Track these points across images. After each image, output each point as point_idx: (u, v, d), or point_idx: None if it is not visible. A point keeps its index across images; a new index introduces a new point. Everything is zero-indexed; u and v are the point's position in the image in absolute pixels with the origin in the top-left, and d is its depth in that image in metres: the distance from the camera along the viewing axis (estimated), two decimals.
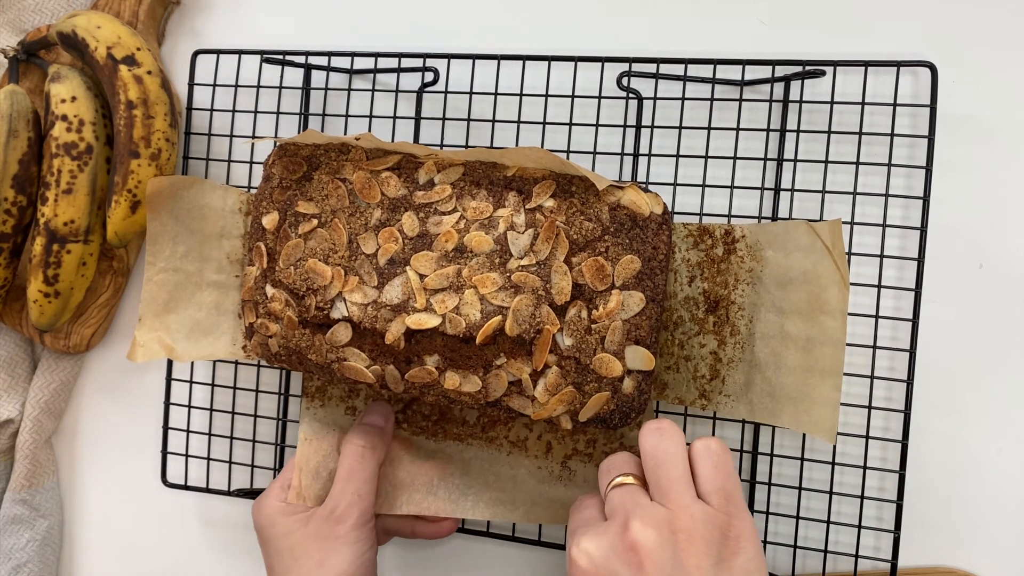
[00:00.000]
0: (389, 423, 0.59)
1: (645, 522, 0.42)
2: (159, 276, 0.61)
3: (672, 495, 0.43)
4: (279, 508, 0.56)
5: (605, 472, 0.48)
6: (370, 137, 0.53)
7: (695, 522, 0.42)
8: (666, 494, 0.43)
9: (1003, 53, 0.55)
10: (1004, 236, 0.55)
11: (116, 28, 0.62)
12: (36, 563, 0.68)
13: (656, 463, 0.45)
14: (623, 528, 0.43)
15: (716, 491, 0.44)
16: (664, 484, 0.44)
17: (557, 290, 0.49)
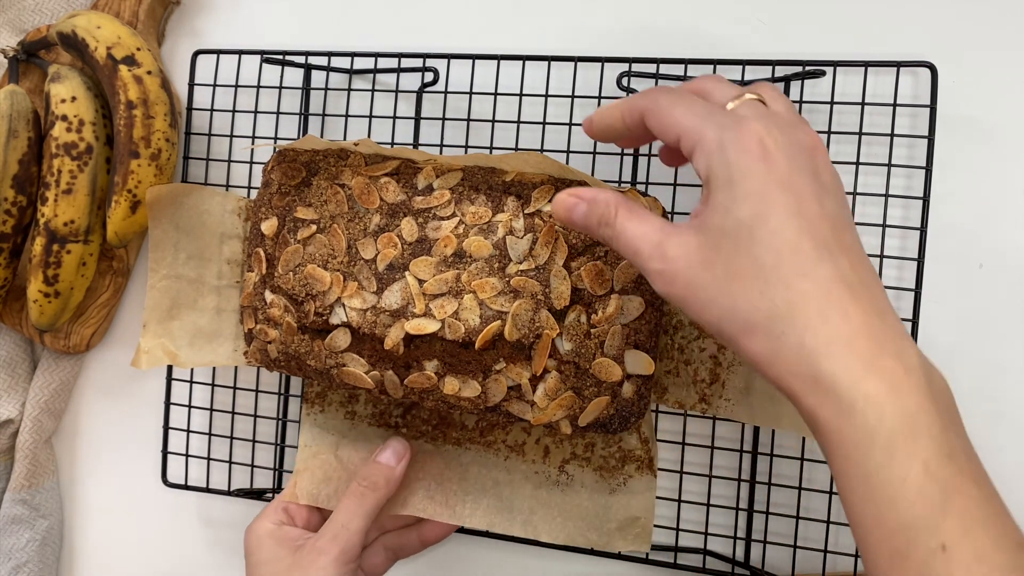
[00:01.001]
0: (401, 464, 0.57)
1: (816, 134, 0.40)
2: (162, 283, 0.61)
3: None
4: (270, 531, 0.56)
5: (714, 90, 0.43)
6: (369, 143, 0.53)
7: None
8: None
9: (1003, 53, 0.55)
10: (1004, 236, 0.55)
11: (116, 28, 0.61)
12: (36, 563, 0.68)
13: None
14: (800, 129, 0.40)
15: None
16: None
17: (556, 295, 0.49)
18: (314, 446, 0.61)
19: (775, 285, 0.36)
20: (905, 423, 0.34)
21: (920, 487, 0.33)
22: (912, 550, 0.33)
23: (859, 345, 0.35)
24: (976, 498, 0.33)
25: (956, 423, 0.35)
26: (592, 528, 0.57)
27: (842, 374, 0.34)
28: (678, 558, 0.58)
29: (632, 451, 0.57)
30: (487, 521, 0.58)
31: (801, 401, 0.36)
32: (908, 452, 0.33)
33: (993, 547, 0.32)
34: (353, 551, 0.53)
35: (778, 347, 0.36)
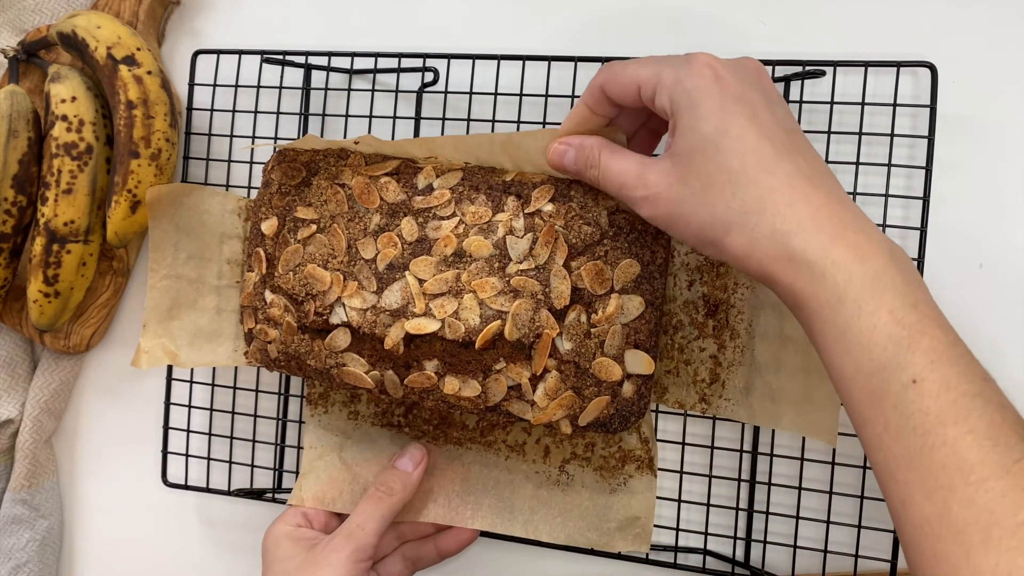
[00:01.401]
0: (418, 471, 0.58)
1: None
2: (162, 283, 0.61)
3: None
4: (287, 532, 0.56)
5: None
6: (370, 139, 0.53)
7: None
8: None
9: (1003, 53, 0.55)
10: (1004, 236, 0.55)
11: (116, 28, 0.61)
12: (36, 563, 0.68)
13: None
14: (742, 57, 0.44)
15: None
16: None
17: (556, 294, 0.49)
18: (319, 447, 0.61)
19: (744, 185, 0.41)
20: (870, 281, 0.38)
21: (889, 333, 0.37)
22: (887, 388, 0.37)
23: (824, 224, 0.39)
24: (941, 339, 0.37)
25: (919, 283, 0.39)
26: (592, 528, 0.57)
27: (812, 248, 0.39)
28: (678, 558, 0.58)
29: (632, 451, 0.57)
30: (488, 522, 0.58)
31: (781, 281, 0.40)
32: (875, 304, 0.37)
33: (959, 377, 0.36)
34: (366, 551, 0.54)
35: (754, 238, 0.40)
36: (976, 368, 0.37)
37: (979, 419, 0.35)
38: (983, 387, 0.36)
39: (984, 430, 0.35)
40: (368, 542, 0.54)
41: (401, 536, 0.60)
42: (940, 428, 0.35)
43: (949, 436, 0.35)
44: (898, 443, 0.36)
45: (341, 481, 0.60)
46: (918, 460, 0.36)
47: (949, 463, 0.35)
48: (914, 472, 0.36)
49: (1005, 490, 0.34)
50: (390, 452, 0.60)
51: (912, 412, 0.36)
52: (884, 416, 0.37)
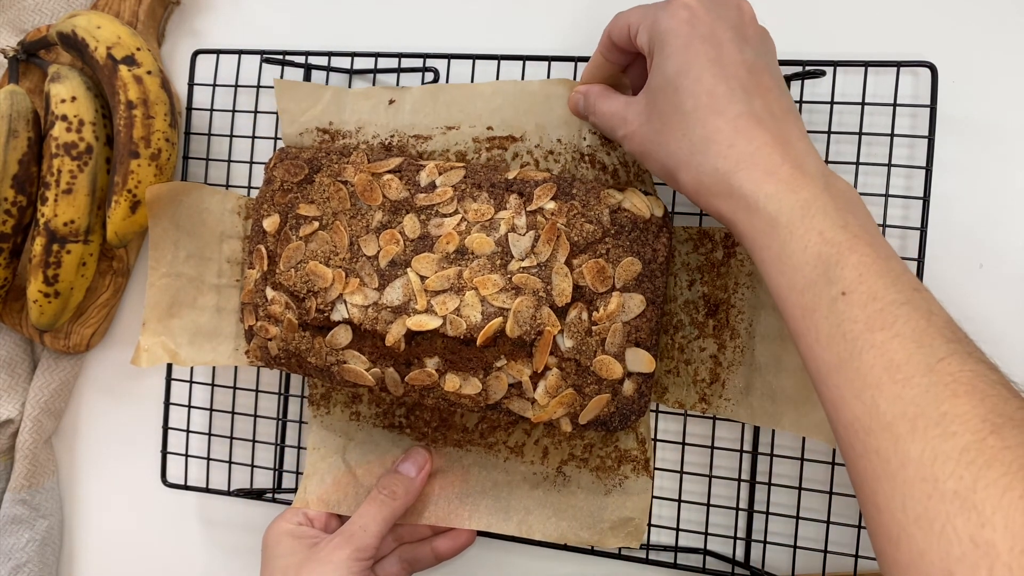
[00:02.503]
0: (421, 475, 0.58)
1: None
2: (162, 281, 0.61)
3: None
4: (289, 529, 0.57)
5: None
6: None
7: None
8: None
9: (1003, 53, 0.55)
10: (1004, 236, 0.55)
11: (116, 28, 0.61)
12: (36, 563, 0.68)
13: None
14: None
15: None
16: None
17: (558, 292, 0.49)
18: (322, 448, 0.61)
19: (694, 125, 0.43)
20: (801, 208, 0.40)
21: (818, 252, 0.39)
22: (818, 302, 0.39)
23: (760, 160, 0.42)
24: (870, 255, 0.39)
25: (855, 209, 0.42)
26: (585, 527, 0.57)
27: (747, 183, 0.42)
28: (678, 558, 0.58)
29: (629, 451, 0.57)
30: (485, 522, 0.58)
31: (724, 215, 0.43)
32: (806, 228, 0.40)
33: (886, 289, 0.38)
34: (367, 551, 0.54)
35: (700, 176, 0.43)
36: (906, 280, 0.39)
37: (905, 325, 0.37)
38: (911, 296, 0.38)
39: (910, 334, 0.37)
40: (369, 543, 0.54)
41: (399, 538, 0.60)
42: (868, 334, 0.37)
43: (876, 341, 0.37)
44: (829, 351, 0.38)
45: (345, 484, 0.60)
46: (848, 364, 0.38)
47: (877, 364, 0.37)
48: (844, 375, 0.38)
49: (929, 385, 0.35)
50: (392, 454, 0.60)
51: (841, 321, 0.38)
52: (816, 327, 0.39)
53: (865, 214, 0.42)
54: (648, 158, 0.47)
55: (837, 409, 0.38)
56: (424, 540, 0.60)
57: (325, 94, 0.58)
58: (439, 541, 0.60)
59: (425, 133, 0.57)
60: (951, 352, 0.36)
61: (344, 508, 0.59)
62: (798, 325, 0.40)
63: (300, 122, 0.59)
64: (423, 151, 0.58)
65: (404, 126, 0.58)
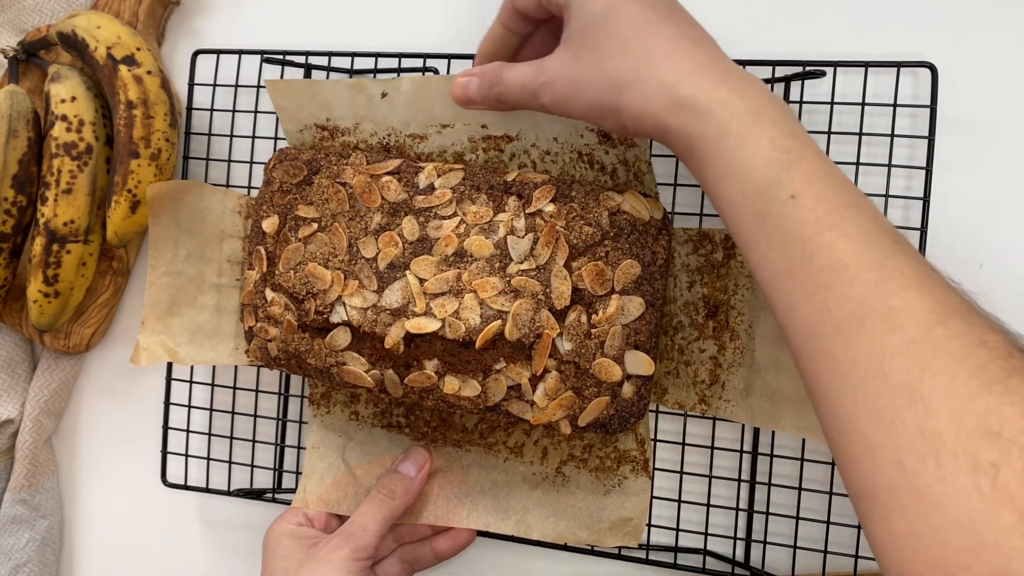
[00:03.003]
0: (420, 474, 0.58)
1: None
2: (161, 279, 0.61)
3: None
4: (289, 530, 0.57)
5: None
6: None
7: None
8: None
9: (1003, 53, 0.55)
10: (1004, 236, 0.55)
11: (116, 28, 0.61)
12: (36, 563, 0.68)
13: None
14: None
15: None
16: None
17: (557, 294, 0.49)
18: (322, 448, 0.61)
19: (634, 46, 0.44)
20: (751, 114, 0.41)
21: (769, 156, 0.40)
22: (769, 206, 0.39)
23: (707, 72, 0.43)
24: (817, 161, 0.40)
25: (796, 120, 0.42)
26: (583, 527, 0.57)
27: (697, 91, 0.42)
28: (678, 558, 0.58)
29: (628, 452, 0.57)
30: (483, 521, 0.58)
31: (673, 128, 0.43)
32: (756, 134, 0.40)
33: (834, 191, 0.39)
34: (366, 551, 0.54)
35: (646, 92, 0.43)
36: (851, 186, 0.40)
37: (853, 224, 0.38)
38: (857, 199, 0.39)
39: (857, 233, 0.37)
40: (369, 543, 0.54)
41: (399, 538, 0.60)
42: (817, 235, 0.38)
43: (825, 241, 0.37)
44: (781, 256, 0.39)
45: (344, 484, 0.60)
46: (799, 268, 0.38)
47: (826, 265, 0.37)
48: (796, 280, 0.38)
49: (876, 282, 0.36)
50: (392, 454, 0.60)
51: (791, 225, 0.39)
52: (767, 233, 0.40)
53: (803, 126, 0.43)
54: (576, 97, 0.46)
55: (790, 314, 0.39)
56: (424, 540, 0.60)
57: (319, 89, 0.58)
58: (439, 541, 0.60)
59: (421, 132, 0.57)
60: (897, 251, 0.37)
61: (344, 508, 0.59)
62: (750, 232, 0.41)
63: (298, 119, 0.59)
64: (421, 152, 0.57)
65: (399, 123, 0.57)
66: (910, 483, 0.32)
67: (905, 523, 0.33)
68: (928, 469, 0.32)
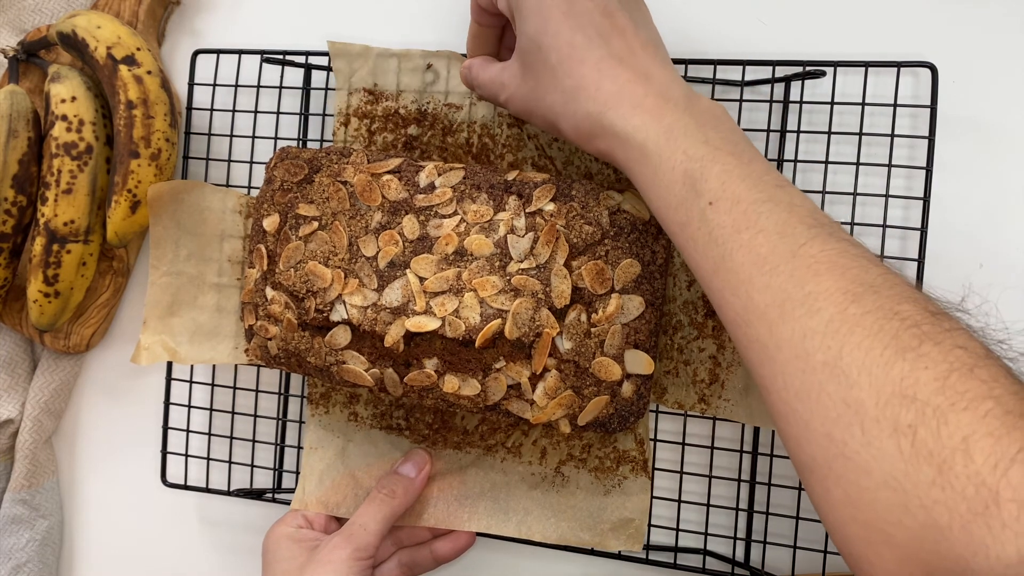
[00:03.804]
0: (420, 476, 0.58)
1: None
2: (162, 279, 0.61)
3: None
4: (289, 533, 0.57)
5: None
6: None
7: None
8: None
9: (1003, 53, 0.55)
10: (1004, 236, 0.55)
11: (116, 28, 0.61)
12: (36, 563, 0.68)
13: None
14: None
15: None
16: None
17: (557, 293, 0.49)
18: (320, 449, 0.61)
19: (562, 77, 0.46)
20: (665, 133, 0.43)
21: (685, 169, 0.42)
22: (690, 215, 0.42)
23: (625, 97, 0.45)
24: (731, 163, 0.42)
25: (717, 124, 0.44)
26: (585, 528, 0.57)
27: (617, 120, 0.44)
28: (678, 558, 0.58)
29: (628, 452, 0.57)
30: (483, 523, 0.58)
31: (605, 153, 0.46)
32: (671, 150, 0.43)
33: (748, 191, 0.41)
34: (367, 551, 0.54)
35: (577, 122, 0.46)
36: (768, 180, 0.41)
37: (768, 220, 0.40)
38: (773, 193, 0.41)
39: (772, 228, 0.40)
40: (369, 542, 0.54)
41: (398, 542, 0.60)
42: (735, 235, 0.40)
43: (743, 240, 0.40)
44: (706, 257, 0.41)
45: (344, 486, 0.60)
46: (722, 266, 0.41)
47: (746, 261, 0.40)
48: (721, 277, 0.41)
49: (793, 270, 0.38)
50: (391, 456, 0.60)
51: (712, 228, 0.41)
52: (692, 238, 0.42)
53: (728, 126, 0.44)
54: (531, 116, 0.49)
55: (721, 309, 0.41)
56: (423, 544, 0.60)
57: (372, 54, 0.60)
58: (438, 544, 0.60)
59: (457, 102, 0.59)
60: (812, 237, 0.39)
61: (343, 510, 0.59)
62: (678, 240, 0.43)
63: (351, 82, 0.60)
64: (453, 120, 0.59)
65: (439, 93, 0.59)
66: (840, 452, 0.35)
67: (840, 489, 0.35)
68: (855, 437, 0.34)
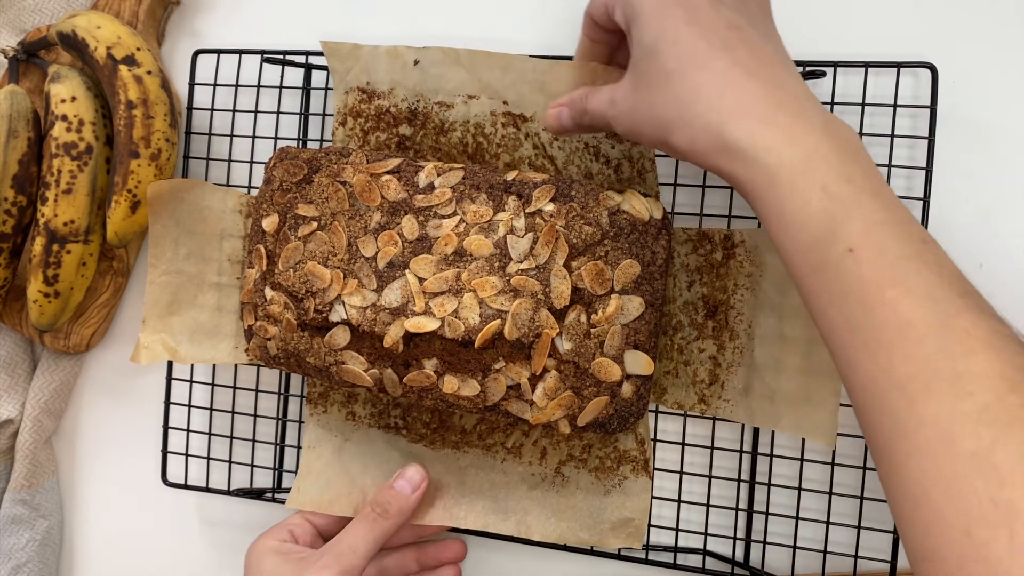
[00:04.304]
0: (416, 494, 0.57)
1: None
2: (162, 278, 0.62)
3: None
4: (274, 547, 0.56)
5: None
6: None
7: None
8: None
9: (1003, 54, 0.55)
10: (1004, 236, 0.55)
11: (116, 28, 0.61)
12: (36, 563, 0.68)
13: None
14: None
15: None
16: None
17: (556, 294, 0.49)
18: (318, 447, 0.61)
19: (679, 83, 0.41)
20: (801, 160, 0.38)
21: (822, 207, 0.38)
22: (826, 260, 0.38)
23: (754, 110, 0.40)
24: (876, 208, 0.38)
25: (858, 158, 0.39)
26: (585, 528, 0.57)
27: (742, 135, 0.39)
28: (678, 558, 0.58)
29: (628, 452, 0.57)
30: (482, 521, 0.58)
31: (724, 171, 0.41)
32: (807, 182, 0.38)
33: (894, 242, 0.37)
34: (354, 572, 0.53)
35: (693, 132, 0.41)
36: (914, 232, 0.38)
37: (915, 280, 0.36)
38: (920, 249, 0.37)
39: (921, 289, 0.36)
40: (357, 564, 0.54)
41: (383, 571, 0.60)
42: (878, 292, 0.36)
43: (887, 298, 0.36)
44: (841, 311, 0.37)
45: (339, 485, 0.60)
46: (860, 324, 0.37)
47: (889, 323, 0.36)
48: (857, 335, 0.37)
49: (942, 344, 0.35)
50: (388, 456, 0.60)
51: (851, 280, 0.37)
52: (826, 287, 0.38)
53: (868, 161, 0.40)
54: (640, 132, 0.45)
55: (852, 370, 0.37)
56: (406, 547, 0.60)
57: (362, 53, 0.59)
58: (424, 552, 0.60)
59: (448, 100, 0.58)
60: (964, 307, 0.35)
61: (337, 508, 0.59)
62: (807, 285, 0.39)
63: (345, 81, 0.60)
64: (445, 119, 0.58)
65: (429, 90, 0.58)
66: (979, 553, 0.32)
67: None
68: (1000, 540, 0.31)
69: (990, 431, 0.32)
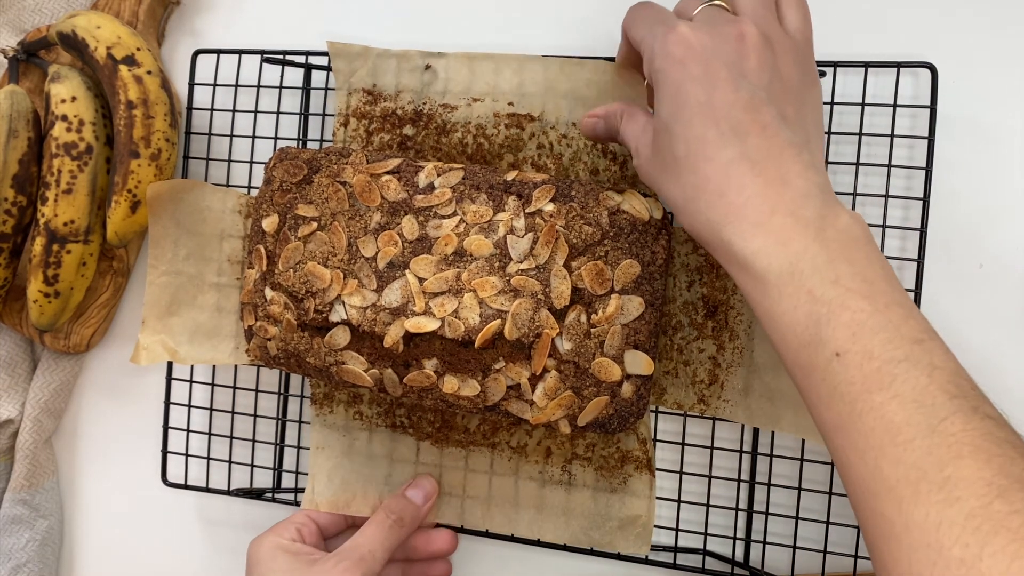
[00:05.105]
0: (427, 505, 0.58)
1: (753, 23, 0.43)
2: (161, 279, 0.62)
3: (766, 21, 0.44)
4: (284, 546, 0.56)
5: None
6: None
7: (789, 43, 0.44)
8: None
9: (1003, 53, 0.55)
10: (1004, 236, 0.55)
11: (116, 28, 0.61)
12: (36, 563, 0.68)
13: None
14: (730, 22, 0.43)
15: (798, 30, 0.45)
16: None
17: (556, 294, 0.49)
18: (326, 448, 0.61)
19: (686, 173, 0.42)
20: (788, 264, 0.39)
21: (808, 311, 0.38)
22: (814, 362, 0.38)
23: (750, 211, 0.40)
24: (864, 310, 0.37)
25: (849, 255, 0.39)
26: (594, 527, 0.57)
27: (735, 238, 0.40)
28: (678, 558, 0.58)
29: (631, 452, 0.57)
30: (491, 522, 0.58)
31: (724, 267, 0.43)
32: (794, 287, 0.39)
33: (883, 346, 0.37)
34: (371, 574, 0.54)
35: (696, 225, 0.42)
36: (906, 332, 0.37)
37: (903, 384, 0.36)
38: (911, 351, 0.37)
39: (909, 394, 0.36)
40: (376, 569, 0.54)
41: None
42: (866, 396, 0.36)
43: (875, 402, 0.36)
44: (830, 411, 0.38)
45: (352, 485, 0.60)
46: (849, 425, 0.37)
47: (877, 427, 0.36)
48: (847, 436, 0.37)
49: (931, 448, 0.35)
50: (397, 454, 0.60)
51: (838, 383, 0.37)
52: (815, 387, 0.38)
53: (865, 255, 0.40)
54: (657, 193, 0.46)
55: (844, 468, 0.38)
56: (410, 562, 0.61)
57: (371, 55, 0.59)
58: (431, 568, 0.61)
59: (453, 103, 0.59)
60: (954, 410, 0.35)
61: (353, 509, 0.59)
62: (799, 383, 0.40)
63: (350, 82, 0.60)
64: (447, 120, 0.58)
65: (436, 94, 0.59)
66: None
67: None
68: None
69: (976, 538, 0.32)
